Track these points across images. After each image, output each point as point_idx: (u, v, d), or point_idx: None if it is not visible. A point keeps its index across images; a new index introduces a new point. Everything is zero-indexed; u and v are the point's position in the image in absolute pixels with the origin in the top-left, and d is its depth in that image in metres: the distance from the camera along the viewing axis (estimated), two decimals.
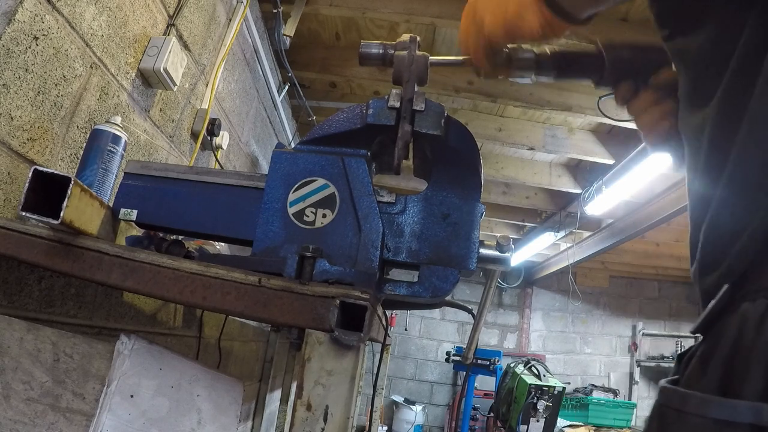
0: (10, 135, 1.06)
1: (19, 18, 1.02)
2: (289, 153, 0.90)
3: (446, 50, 2.91)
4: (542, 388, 4.14)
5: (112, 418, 0.87)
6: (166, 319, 1.74)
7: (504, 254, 0.90)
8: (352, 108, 0.90)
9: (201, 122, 1.97)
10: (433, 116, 0.85)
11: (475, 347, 1.35)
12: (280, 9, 2.47)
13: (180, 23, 1.70)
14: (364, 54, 0.88)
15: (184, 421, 0.93)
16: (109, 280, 0.77)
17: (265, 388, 2.69)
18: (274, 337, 2.76)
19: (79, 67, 1.24)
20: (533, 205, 4.81)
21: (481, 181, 0.90)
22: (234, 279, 0.74)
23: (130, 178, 0.96)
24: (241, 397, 1.01)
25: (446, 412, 6.97)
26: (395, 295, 0.88)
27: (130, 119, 1.50)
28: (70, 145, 1.26)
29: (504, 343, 7.34)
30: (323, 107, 3.58)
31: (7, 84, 1.02)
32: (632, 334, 7.14)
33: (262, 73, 2.76)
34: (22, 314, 1.04)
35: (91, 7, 1.24)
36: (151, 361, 0.93)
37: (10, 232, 0.81)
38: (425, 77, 0.85)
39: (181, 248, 0.98)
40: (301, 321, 0.70)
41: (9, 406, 0.86)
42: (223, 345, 2.09)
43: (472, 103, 3.46)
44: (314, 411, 0.68)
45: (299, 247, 0.81)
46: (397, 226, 0.88)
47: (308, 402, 0.69)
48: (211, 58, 2.03)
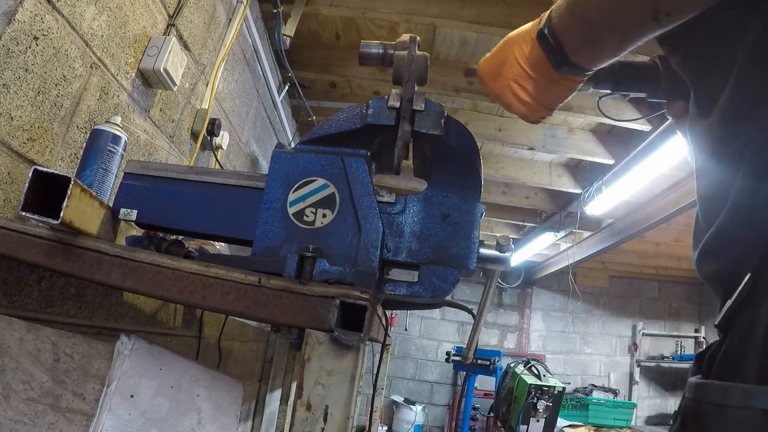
0: (10, 135, 1.06)
1: (19, 18, 1.02)
2: (289, 153, 0.90)
3: (446, 50, 2.91)
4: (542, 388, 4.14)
5: (112, 418, 0.87)
6: (166, 319, 1.74)
7: (504, 254, 0.90)
8: (352, 108, 0.90)
9: (201, 122, 1.97)
10: (433, 116, 0.84)
11: (475, 347, 1.35)
12: (280, 9, 2.47)
13: (180, 23, 1.70)
14: (364, 54, 0.88)
15: (184, 421, 0.93)
16: (109, 280, 0.77)
17: (265, 388, 2.70)
18: (274, 337, 2.76)
19: (79, 67, 1.24)
20: (533, 205, 4.81)
21: (481, 181, 0.90)
22: (234, 279, 0.74)
23: (130, 178, 0.96)
24: (241, 397, 1.01)
25: (446, 412, 6.97)
26: (395, 295, 0.88)
27: (130, 119, 1.50)
28: (70, 145, 1.26)
29: (504, 343, 7.34)
30: (323, 107, 3.58)
31: (7, 84, 1.02)
32: (632, 334, 7.14)
33: (262, 73, 2.76)
34: (22, 314, 1.04)
35: (91, 7, 1.24)
36: (151, 361, 0.93)
37: (10, 232, 0.81)
38: (425, 77, 0.85)
39: (181, 248, 0.98)
40: (301, 321, 0.70)
41: (9, 406, 0.86)
42: (223, 345, 2.09)
43: (472, 103, 3.46)
44: (314, 411, 0.68)
45: (299, 247, 0.81)
46: (397, 226, 0.88)
47: (308, 402, 0.69)
48: (211, 58, 2.03)
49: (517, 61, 0.74)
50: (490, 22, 2.40)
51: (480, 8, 2.40)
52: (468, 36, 2.74)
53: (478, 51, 2.88)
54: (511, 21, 2.39)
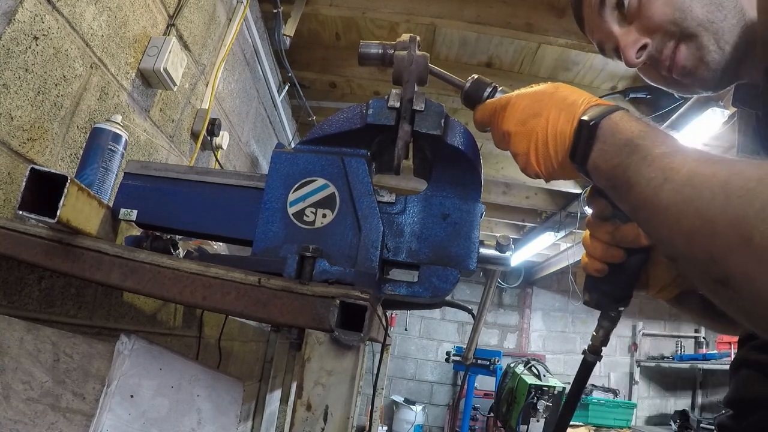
0: (10, 135, 1.05)
1: (19, 18, 1.02)
2: (289, 153, 0.90)
3: (446, 50, 2.91)
4: (542, 388, 4.14)
5: (112, 418, 0.87)
6: (166, 319, 1.74)
7: (504, 254, 0.89)
8: (352, 108, 0.89)
9: (201, 122, 1.97)
10: (433, 116, 0.84)
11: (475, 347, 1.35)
12: (280, 9, 2.47)
13: (180, 23, 1.70)
14: (363, 54, 0.88)
15: (184, 421, 0.93)
16: (109, 280, 0.77)
17: (265, 388, 2.70)
18: (274, 337, 2.76)
19: (79, 67, 1.24)
20: (533, 205, 4.82)
21: (481, 181, 0.90)
22: (234, 279, 0.73)
23: (129, 178, 0.96)
24: (241, 397, 1.00)
25: (446, 412, 6.97)
26: (395, 295, 0.87)
27: (130, 119, 1.50)
28: (70, 145, 1.26)
29: (504, 343, 7.34)
30: (323, 107, 3.58)
31: (7, 84, 1.02)
32: (632, 334, 7.14)
33: (262, 73, 2.76)
34: (22, 314, 1.04)
35: (91, 7, 1.24)
36: (151, 361, 0.93)
37: (10, 232, 0.81)
38: (425, 77, 0.85)
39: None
40: (301, 321, 0.70)
41: (9, 406, 0.86)
42: (223, 345, 2.09)
43: None
44: (314, 411, 0.68)
45: (299, 247, 0.81)
46: (397, 226, 0.88)
47: (308, 402, 0.69)
48: (211, 58, 2.03)
49: (547, 127, 0.67)
50: (490, 22, 2.40)
51: (480, 8, 2.40)
52: (468, 36, 2.74)
53: (478, 51, 2.88)
54: (511, 21, 2.39)
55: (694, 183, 0.47)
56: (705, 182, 0.46)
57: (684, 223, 0.46)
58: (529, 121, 0.68)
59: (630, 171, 0.55)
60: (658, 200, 0.50)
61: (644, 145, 0.55)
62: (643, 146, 0.55)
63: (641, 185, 0.52)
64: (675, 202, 0.48)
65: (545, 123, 0.66)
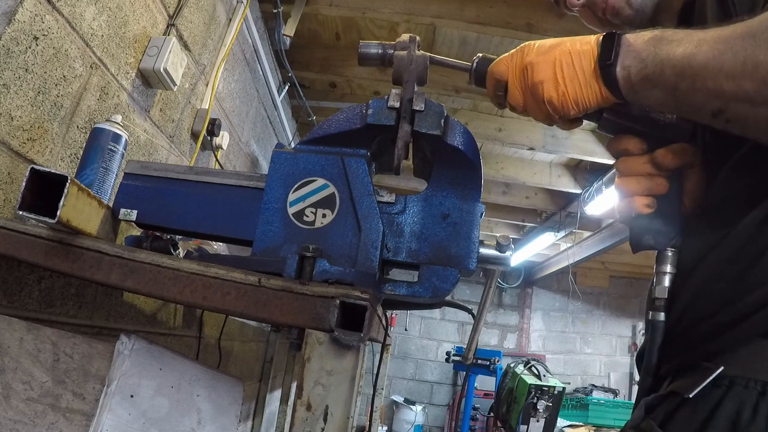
0: (10, 135, 1.06)
1: (19, 18, 1.02)
2: (289, 153, 0.90)
3: (446, 50, 2.91)
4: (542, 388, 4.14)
5: (112, 418, 0.87)
6: (166, 319, 1.74)
7: (504, 254, 0.89)
8: (352, 108, 0.89)
9: (201, 122, 1.97)
10: (433, 116, 0.84)
11: (475, 347, 1.35)
12: (280, 9, 2.47)
13: (180, 23, 1.70)
14: (363, 54, 0.88)
15: (184, 421, 0.93)
16: (109, 280, 0.77)
17: (265, 388, 2.70)
18: (274, 337, 2.76)
19: (79, 67, 1.24)
20: (533, 205, 4.82)
21: (481, 181, 0.90)
22: (234, 279, 0.73)
23: (129, 178, 0.96)
24: (241, 397, 1.01)
25: (446, 412, 6.97)
26: (395, 295, 0.87)
27: (130, 119, 1.50)
28: (70, 145, 1.26)
29: (504, 343, 7.34)
30: (323, 107, 3.58)
31: (7, 84, 1.02)
32: (632, 334, 7.14)
33: (262, 73, 2.76)
34: (22, 314, 1.04)
35: (91, 7, 1.24)
36: (151, 361, 0.93)
37: (10, 232, 0.81)
38: (425, 77, 0.85)
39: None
40: (301, 321, 0.70)
41: (9, 406, 0.86)
42: (223, 345, 2.09)
43: (472, 103, 3.46)
44: (314, 411, 0.68)
45: (299, 247, 0.81)
46: (397, 226, 0.88)
47: (308, 402, 0.69)
48: (211, 58, 2.03)
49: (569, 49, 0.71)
50: (490, 22, 2.40)
51: (480, 8, 2.40)
52: (468, 36, 2.74)
53: (478, 51, 2.87)
54: (511, 21, 2.39)
55: (723, 39, 0.56)
56: (731, 35, 0.56)
57: (726, 67, 0.55)
58: (549, 51, 0.72)
59: (661, 54, 0.62)
60: (696, 62, 0.58)
61: (667, 34, 0.63)
62: (666, 36, 0.63)
63: (677, 58, 0.60)
64: (714, 56, 0.56)
65: (567, 47, 0.71)
